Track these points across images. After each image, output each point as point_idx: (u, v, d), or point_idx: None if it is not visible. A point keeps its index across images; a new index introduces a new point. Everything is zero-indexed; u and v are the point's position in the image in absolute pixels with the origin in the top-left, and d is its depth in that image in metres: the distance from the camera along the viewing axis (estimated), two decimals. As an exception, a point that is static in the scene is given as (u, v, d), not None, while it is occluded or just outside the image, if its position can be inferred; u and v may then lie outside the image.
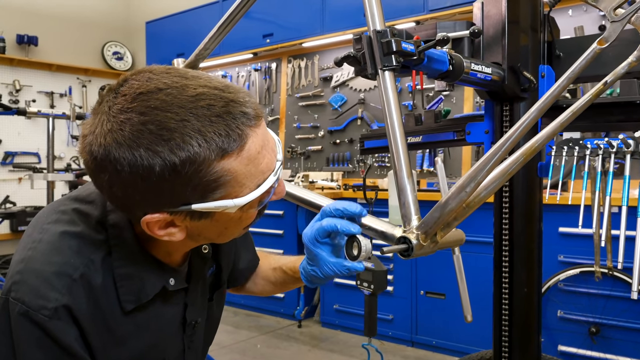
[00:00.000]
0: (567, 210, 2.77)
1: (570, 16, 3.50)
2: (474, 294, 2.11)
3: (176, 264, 0.94)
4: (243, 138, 0.74)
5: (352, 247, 0.91)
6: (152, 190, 0.73)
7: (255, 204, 0.82)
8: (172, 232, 0.80)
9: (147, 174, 0.71)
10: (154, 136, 0.70)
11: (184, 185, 0.73)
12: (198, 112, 0.71)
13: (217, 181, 0.74)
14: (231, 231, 0.86)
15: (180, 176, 0.72)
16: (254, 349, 3.62)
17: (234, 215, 0.81)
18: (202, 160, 0.71)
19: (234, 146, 0.73)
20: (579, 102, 0.85)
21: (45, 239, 0.83)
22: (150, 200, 0.75)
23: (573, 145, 1.41)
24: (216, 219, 0.80)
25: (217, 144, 0.72)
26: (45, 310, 0.77)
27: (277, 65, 5.21)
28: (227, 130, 0.73)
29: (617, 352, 2.81)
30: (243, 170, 0.76)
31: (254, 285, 1.25)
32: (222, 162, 0.73)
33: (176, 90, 0.73)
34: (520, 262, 1.39)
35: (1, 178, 5.85)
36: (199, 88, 0.74)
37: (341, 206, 0.93)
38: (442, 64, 1.13)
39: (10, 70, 5.92)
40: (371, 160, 4.49)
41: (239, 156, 0.74)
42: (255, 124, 0.76)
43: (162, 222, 0.78)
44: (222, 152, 0.72)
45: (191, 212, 0.77)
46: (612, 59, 1.23)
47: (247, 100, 0.76)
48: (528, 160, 0.87)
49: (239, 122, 0.74)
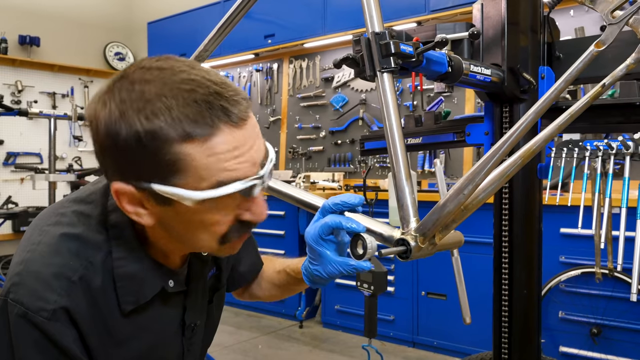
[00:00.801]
0: (568, 211, 2.76)
1: (571, 16, 3.49)
2: (474, 294, 2.11)
3: (175, 267, 0.94)
4: (213, 129, 0.73)
5: (357, 246, 0.89)
6: (118, 155, 0.75)
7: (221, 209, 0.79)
8: (140, 213, 0.79)
9: (114, 136, 0.73)
10: (132, 103, 0.73)
11: (145, 159, 0.73)
12: (178, 93, 0.72)
13: (176, 164, 0.73)
14: (198, 235, 0.82)
15: (142, 147, 0.72)
16: (255, 350, 3.62)
17: (195, 214, 0.78)
18: (164, 137, 0.71)
19: (199, 133, 0.72)
20: (577, 105, 0.85)
21: (44, 241, 0.83)
22: (118, 165, 0.77)
23: (572, 147, 1.41)
24: (178, 210, 0.77)
25: (183, 126, 0.71)
26: (43, 312, 0.77)
27: (279, 65, 5.21)
28: (197, 116, 0.72)
29: (618, 353, 2.80)
30: (203, 162, 0.73)
31: (259, 290, 1.23)
32: (183, 145, 0.72)
33: (174, 71, 0.75)
34: (520, 264, 1.39)
35: (3, 178, 5.86)
36: (195, 75, 0.75)
37: (339, 200, 0.91)
38: (441, 65, 1.13)
39: (12, 71, 5.94)
40: (372, 161, 4.49)
41: (202, 146, 0.72)
42: (234, 122, 0.75)
43: (130, 196, 0.78)
44: (186, 135, 0.72)
45: (154, 194, 0.76)
46: (612, 60, 1.22)
47: (235, 99, 0.76)
48: (526, 162, 0.87)
49: (215, 113, 0.73)
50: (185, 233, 0.83)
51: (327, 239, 0.91)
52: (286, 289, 1.19)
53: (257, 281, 1.24)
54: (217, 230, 0.81)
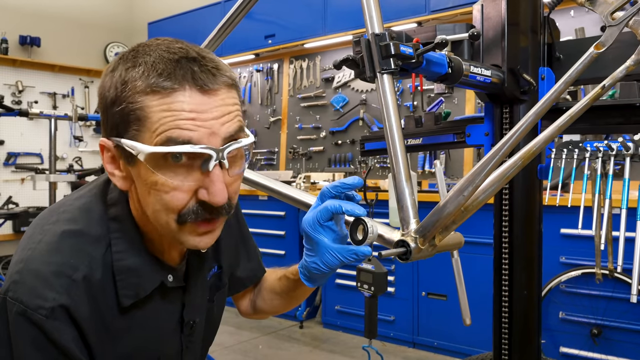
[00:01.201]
0: (569, 212, 2.76)
1: (572, 17, 3.49)
2: (475, 295, 2.11)
3: (173, 263, 0.94)
4: (175, 87, 0.76)
5: (357, 231, 0.87)
6: (104, 111, 0.81)
7: (172, 173, 0.77)
8: (115, 175, 0.84)
9: (103, 88, 0.81)
10: (124, 60, 0.80)
11: (117, 109, 0.78)
12: (160, 53, 0.78)
13: (135, 113, 0.77)
14: (154, 203, 0.80)
15: (117, 97, 0.78)
16: (255, 350, 3.62)
17: (151, 175, 0.77)
18: (133, 86, 0.76)
19: (162, 86, 0.75)
20: (577, 106, 0.85)
21: (45, 239, 0.84)
22: (104, 120, 0.82)
23: (573, 148, 1.40)
24: (139, 170, 0.79)
25: (150, 77, 0.76)
26: (42, 310, 0.77)
27: (279, 66, 5.21)
28: (167, 72, 0.76)
29: (618, 353, 2.80)
30: (159, 115, 0.75)
31: (262, 302, 1.20)
32: (146, 97, 0.76)
33: (171, 42, 0.81)
34: (520, 265, 1.39)
35: (4, 179, 5.87)
36: (187, 47, 0.81)
37: (338, 182, 0.90)
38: (441, 66, 1.13)
39: (12, 71, 5.94)
40: (372, 161, 4.49)
41: (162, 99, 0.76)
42: (200, 87, 0.77)
43: (109, 152, 0.83)
44: (151, 86, 0.76)
45: (124, 152, 0.79)
46: (612, 61, 1.22)
47: (210, 71, 0.78)
48: (526, 163, 0.87)
49: (182, 74, 0.76)
50: (145, 200, 0.82)
51: (326, 225, 0.89)
52: (288, 297, 1.14)
53: (260, 294, 1.21)
54: (171, 202, 0.79)
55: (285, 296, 1.15)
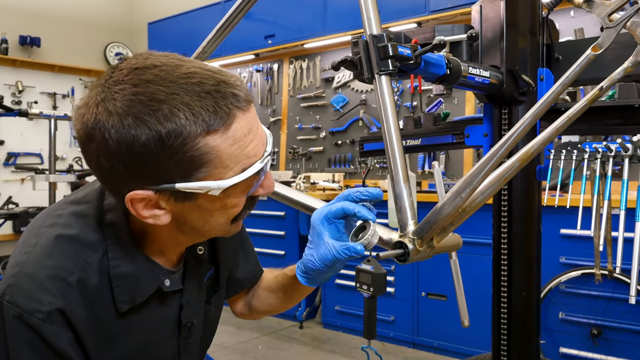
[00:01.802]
0: (568, 212, 2.76)
1: (571, 17, 3.49)
2: (473, 295, 2.11)
3: (171, 265, 0.94)
4: (230, 117, 0.75)
5: (359, 232, 0.89)
6: (136, 163, 0.73)
7: (240, 192, 0.81)
8: (158, 215, 0.80)
9: (132, 143, 0.72)
10: (143, 106, 0.72)
11: (168, 159, 0.73)
12: (188, 87, 0.73)
13: (201, 158, 0.74)
14: (217, 220, 0.83)
15: (165, 148, 0.72)
16: (255, 350, 3.62)
17: (218, 201, 0.79)
18: (188, 134, 0.72)
19: (220, 123, 0.74)
20: (575, 108, 0.85)
21: (40, 242, 0.84)
22: (134, 173, 0.75)
23: (571, 149, 1.40)
24: (200, 202, 0.79)
25: (203, 118, 0.72)
26: (39, 313, 0.77)
27: (279, 66, 5.21)
28: (214, 107, 0.73)
29: (618, 354, 2.80)
30: (227, 150, 0.75)
31: (258, 301, 1.21)
32: (207, 138, 0.73)
33: (170, 68, 0.75)
34: (519, 265, 1.39)
35: (4, 179, 5.87)
36: (192, 68, 0.76)
37: (362, 189, 0.92)
38: (440, 68, 1.13)
39: (13, 71, 5.94)
40: (372, 161, 4.49)
41: (224, 134, 0.74)
42: (244, 107, 0.77)
43: (147, 201, 0.78)
44: (208, 127, 0.73)
45: (175, 192, 0.76)
46: (611, 61, 1.22)
47: (238, 84, 0.78)
48: (525, 164, 0.87)
49: (228, 101, 0.75)
50: (202, 224, 0.84)
51: (333, 221, 0.91)
52: (284, 295, 1.14)
53: (256, 293, 1.21)
54: (234, 213, 0.84)
55: (281, 294, 1.15)
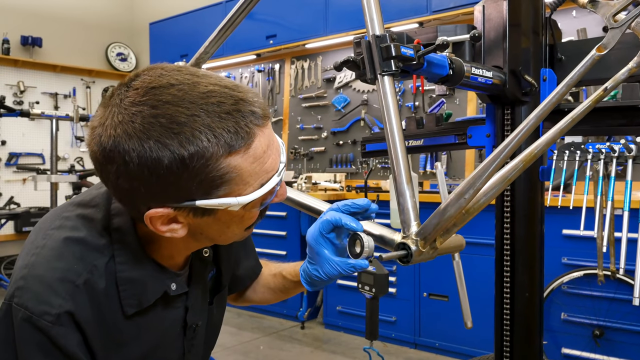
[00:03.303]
0: (571, 213, 2.76)
1: (574, 17, 3.48)
2: (476, 296, 2.10)
3: (177, 268, 0.94)
4: (251, 136, 0.75)
5: (355, 245, 0.90)
6: (158, 184, 0.74)
7: (257, 204, 0.82)
8: (175, 229, 0.80)
9: (155, 166, 0.72)
10: (164, 129, 0.71)
11: (190, 180, 0.74)
12: (208, 108, 0.73)
13: (223, 178, 0.75)
14: (233, 231, 0.86)
15: (188, 170, 0.72)
16: (256, 351, 3.62)
17: (236, 214, 0.81)
18: (210, 155, 0.72)
19: (241, 144, 0.74)
20: (579, 108, 0.84)
21: (48, 244, 0.83)
22: (155, 193, 0.75)
23: (574, 150, 1.40)
24: (219, 216, 0.80)
25: (225, 140, 0.73)
26: (48, 316, 0.77)
27: (281, 66, 5.21)
28: (235, 127, 0.74)
29: (620, 354, 2.79)
30: (248, 169, 0.76)
31: (253, 294, 1.24)
32: (229, 159, 0.74)
33: (187, 86, 0.74)
34: (522, 266, 1.39)
35: (5, 179, 5.87)
36: (210, 86, 0.75)
37: (349, 201, 0.93)
38: (442, 68, 1.13)
39: (14, 72, 5.94)
40: (374, 161, 4.49)
41: (245, 154, 0.75)
42: (262, 123, 0.78)
43: (165, 217, 0.78)
44: (230, 148, 0.73)
45: (194, 209, 0.77)
46: (615, 62, 1.22)
47: (255, 100, 0.78)
48: (528, 166, 0.87)
49: (248, 120, 0.75)
50: (219, 234, 0.86)
51: (327, 237, 0.92)
52: (281, 293, 1.19)
53: (252, 286, 1.24)
54: (250, 222, 0.86)
55: (278, 292, 1.19)
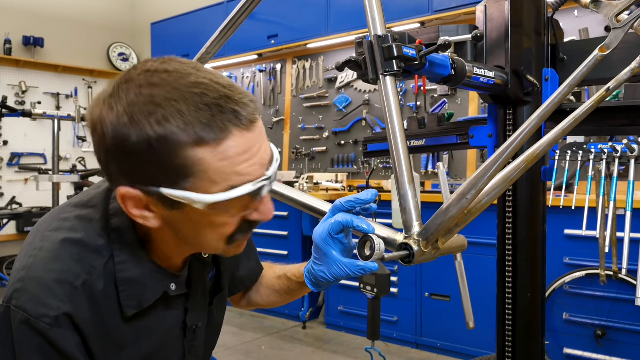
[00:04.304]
0: (572, 213, 2.75)
1: (575, 17, 3.48)
2: (478, 296, 2.10)
3: (176, 269, 0.94)
4: (224, 133, 0.73)
5: (365, 247, 0.88)
6: (127, 161, 0.74)
7: (230, 211, 0.79)
8: (147, 217, 0.80)
9: (123, 141, 0.72)
10: (141, 107, 0.72)
11: (155, 163, 0.73)
12: (189, 97, 0.72)
13: (188, 169, 0.73)
14: (206, 236, 0.82)
15: (153, 152, 0.72)
16: (258, 351, 3.62)
17: (205, 216, 0.78)
18: (176, 142, 0.71)
19: (212, 137, 0.72)
20: (582, 108, 0.84)
21: (46, 246, 0.83)
22: (125, 171, 0.76)
23: (577, 150, 1.40)
24: (187, 213, 0.78)
25: (195, 129, 0.71)
26: (46, 318, 0.77)
27: (282, 66, 5.21)
28: (209, 120, 0.72)
29: (623, 355, 2.79)
30: (215, 165, 0.73)
31: (258, 296, 1.23)
32: (196, 150, 0.72)
33: (180, 75, 0.74)
34: (524, 266, 1.38)
35: (8, 179, 5.88)
36: (202, 78, 0.75)
37: (353, 197, 0.91)
38: (444, 68, 1.13)
39: (16, 72, 5.95)
40: (375, 162, 4.49)
41: (214, 150, 0.73)
42: (244, 125, 0.75)
43: (137, 200, 0.78)
44: (199, 139, 0.72)
45: (163, 198, 0.76)
46: (617, 62, 1.21)
47: (244, 102, 0.76)
48: (530, 166, 0.86)
49: (226, 117, 0.73)
50: (193, 235, 0.83)
51: (336, 238, 0.90)
52: (286, 295, 1.17)
53: (256, 288, 1.23)
54: (225, 232, 0.82)
55: (283, 294, 1.17)
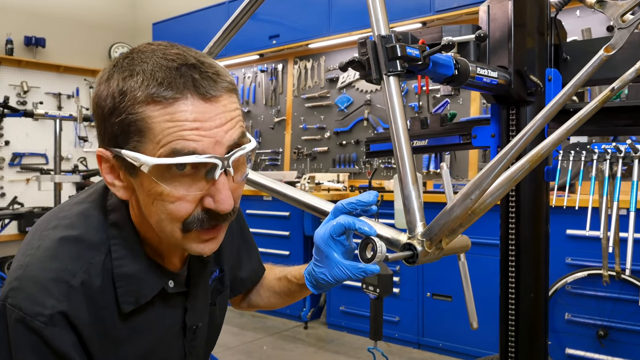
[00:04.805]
0: (574, 213, 2.75)
1: (577, 17, 3.47)
2: (481, 296, 2.10)
3: (175, 268, 0.93)
4: (177, 95, 0.74)
5: (367, 249, 0.87)
6: (101, 120, 0.79)
7: (177, 184, 0.76)
8: (116, 185, 0.83)
9: (99, 97, 0.79)
10: (119, 68, 0.78)
11: (116, 119, 0.76)
12: (160, 61, 0.76)
13: (137, 124, 0.75)
14: (159, 213, 0.79)
15: (115, 106, 0.76)
16: (259, 351, 3.62)
17: (155, 186, 0.77)
18: (132, 97, 0.75)
19: (163, 96, 0.74)
20: (586, 109, 0.84)
21: (43, 245, 0.83)
22: (100, 129, 0.81)
23: (580, 150, 1.39)
24: (142, 182, 0.78)
25: (150, 87, 0.74)
26: (41, 316, 0.77)
27: (284, 66, 5.21)
28: (168, 81, 0.74)
29: (625, 355, 2.79)
30: (162, 125, 0.74)
31: (259, 298, 1.23)
32: (147, 107, 0.74)
33: (167, 47, 0.79)
34: (527, 267, 1.38)
35: (9, 179, 5.89)
36: (184, 52, 0.79)
37: (354, 199, 0.90)
38: (448, 68, 1.12)
39: (18, 72, 5.96)
40: (377, 162, 4.48)
41: (164, 109, 0.74)
42: (202, 94, 0.75)
43: (110, 165, 0.82)
44: (150, 96, 0.74)
45: (125, 162, 0.78)
46: (622, 62, 1.21)
47: (210, 74, 0.77)
48: (534, 166, 0.86)
49: (184, 82, 0.75)
50: (149, 212, 0.81)
51: (338, 240, 0.89)
52: (286, 297, 1.17)
53: (257, 289, 1.23)
54: (177, 212, 0.78)
55: (284, 296, 1.17)
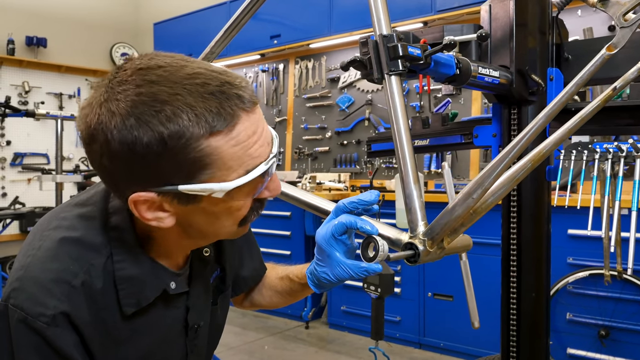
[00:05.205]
0: (576, 212, 2.75)
1: (579, 16, 3.47)
2: (482, 296, 2.10)
3: (177, 267, 0.93)
4: (234, 118, 0.74)
5: (369, 248, 0.88)
6: (138, 164, 0.73)
7: (245, 194, 0.80)
8: (161, 217, 0.79)
9: (134, 144, 0.71)
10: (146, 107, 0.71)
11: (170, 161, 0.72)
12: (192, 88, 0.72)
13: (204, 160, 0.73)
14: (223, 223, 0.83)
15: (168, 149, 0.71)
16: (261, 351, 3.62)
17: (222, 203, 0.79)
18: (190, 135, 0.71)
19: (223, 125, 0.73)
20: (587, 108, 0.84)
21: (44, 245, 0.83)
22: (136, 174, 0.75)
23: (582, 149, 1.39)
24: (204, 205, 0.78)
25: (206, 120, 0.72)
26: (43, 317, 0.77)
27: (285, 66, 5.21)
28: (218, 108, 0.73)
29: (626, 355, 2.78)
30: (230, 152, 0.74)
31: (261, 297, 1.22)
32: (210, 140, 0.72)
33: (174, 68, 0.74)
34: (529, 266, 1.38)
35: (11, 179, 5.89)
36: (197, 69, 0.75)
37: (356, 198, 0.91)
38: (449, 68, 1.12)
39: (19, 72, 5.96)
40: (378, 161, 4.48)
41: (227, 136, 0.74)
42: (248, 108, 0.76)
43: (150, 203, 0.77)
44: (211, 129, 0.72)
45: (178, 195, 0.76)
46: (623, 61, 1.21)
47: (243, 85, 0.77)
48: (536, 166, 0.86)
49: (232, 102, 0.74)
50: (208, 226, 0.84)
51: (340, 239, 0.90)
52: (288, 296, 1.17)
53: (259, 288, 1.23)
54: (240, 215, 0.83)
55: (286, 295, 1.17)
